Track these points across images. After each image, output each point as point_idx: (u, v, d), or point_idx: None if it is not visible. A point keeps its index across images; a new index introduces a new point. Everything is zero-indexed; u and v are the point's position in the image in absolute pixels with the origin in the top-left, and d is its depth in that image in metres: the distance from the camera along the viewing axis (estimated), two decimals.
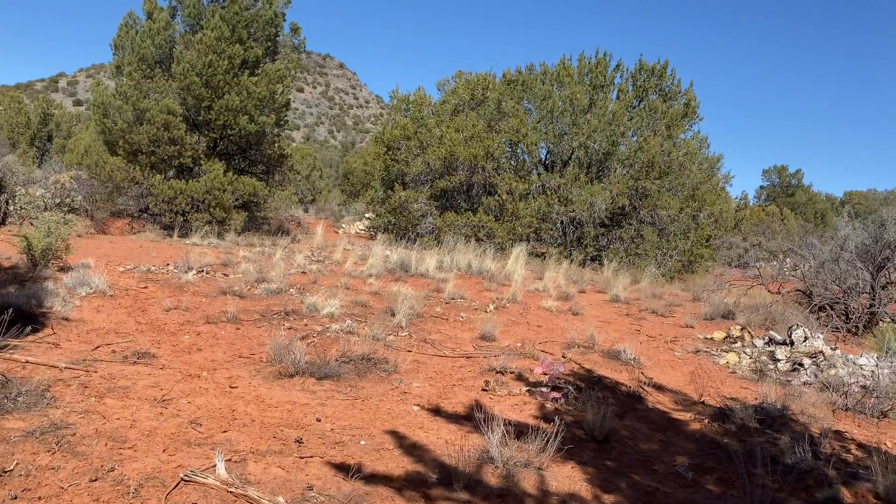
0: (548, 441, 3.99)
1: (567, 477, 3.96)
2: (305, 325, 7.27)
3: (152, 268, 9.75)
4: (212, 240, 14.62)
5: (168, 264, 10.16)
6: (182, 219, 15.92)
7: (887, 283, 10.61)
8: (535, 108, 19.45)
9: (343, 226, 25.55)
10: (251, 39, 17.11)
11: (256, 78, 16.98)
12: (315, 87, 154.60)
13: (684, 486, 4.06)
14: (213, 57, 15.76)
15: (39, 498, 2.96)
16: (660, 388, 6.27)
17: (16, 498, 2.93)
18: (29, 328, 5.64)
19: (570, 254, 17.66)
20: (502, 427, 4.04)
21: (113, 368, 5.04)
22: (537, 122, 19.11)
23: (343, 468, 3.65)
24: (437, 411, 4.96)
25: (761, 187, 49.79)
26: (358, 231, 23.74)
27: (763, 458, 4.42)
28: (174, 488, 3.20)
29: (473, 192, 19.21)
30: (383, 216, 19.54)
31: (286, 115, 18.81)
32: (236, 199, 16.75)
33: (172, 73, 16.31)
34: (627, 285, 13.50)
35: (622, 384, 6.22)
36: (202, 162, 16.75)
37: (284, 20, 18.47)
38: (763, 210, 35.36)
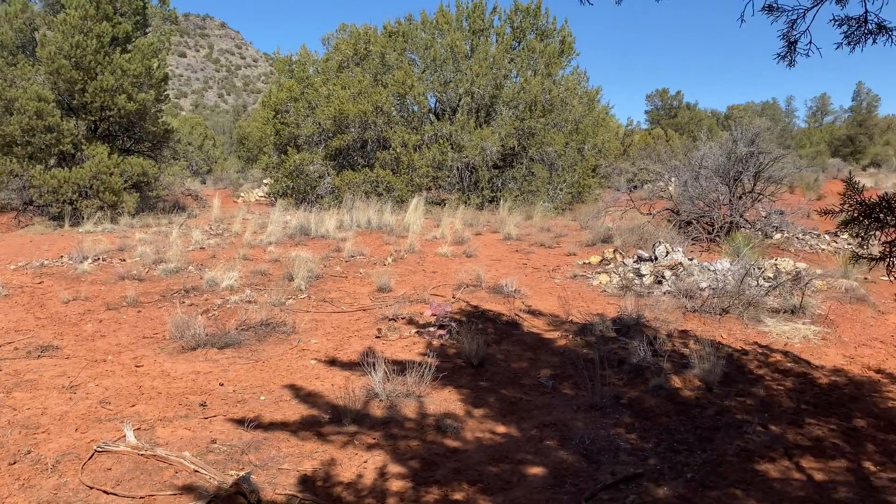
0: (423, 373, 4.59)
1: (444, 399, 4.59)
2: (206, 299, 7.58)
3: (46, 262, 9.70)
4: (105, 225, 14.41)
5: (62, 256, 10.11)
6: (71, 207, 15.50)
7: (743, 193, 11.79)
8: (419, 59, 19.72)
9: (242, 194, 25.28)
10: (118, 15, 16.51)
11: (129, 54, 16.46)
12: (198, 51, 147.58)
13: (544, 394, 4.77)
14: (80, 37, 15.16)
15: None
16: (536, 313, 7.01)
17: None
18: None
19: (468, 198, 18.33)
20: (384, 366, 4.61)
21: (18, 365, 5.27)
22: (422, 73, 19.41)
23: (244, 422, 4.14)
24: (332, 362, 5.49)
25: (646, 112, 52.10)
26: (258, 198, 23.60)
27: (612, 361, 5.19)
28: (89, 459, 3.60)
29: (368, 147, 19.45)
30: (280, 181, 19.55)
31: (166, 90, 18.35)
32: (125, 181, 16.41)
33: (38, 58, 15.61)
34: (520, 222, 14.31)
35: (503, 314, 6.91)
36: (84, 147, 16.24)
37: None
38: (649, 134, 37.17)
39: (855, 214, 2.28)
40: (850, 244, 12.39)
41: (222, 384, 4.89)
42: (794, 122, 59.26)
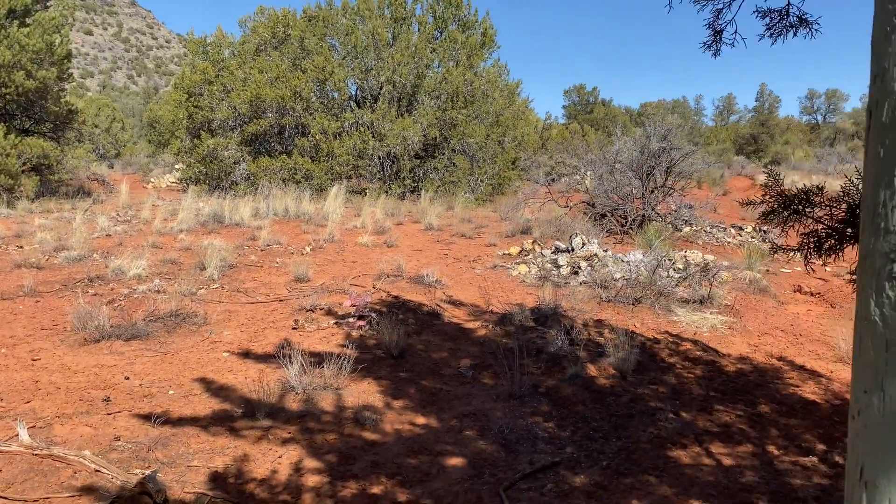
0: (342, 364, 4.50)
1: (363, 391, 4.51)
2: (112, 289, 7.20)
3: None
4: (1, 210, 13.48)
5: None
6: None
7: (655, 187, 12.20)
8: (340, 45, 19.38)
9: (152, 180, 24.22)
10: None
11: (28, 29, 15.43)
12: (106, 29, 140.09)
13: (464, 384, 4.77)
14: None
15: None
16: (457, 303, 7.01)
17: None
18: None
19: (390, 188, 18.19)
20: (301, 358, 4.49)
21: None
22: (343, 59, 19.08)
23: (150, 417, 3.93)
24: (246, 354, 5.31)
25: (564, 107, 53.27)
26: (169, 184, 22.66)
27: (531, 351, 5.25)
28: None
29: (286, 134, 18.97)
30: (193, 167, 18.80)
31: (70, 67, 17.33)
32: (24, 164, 15.41)
33: None
34: (442, 213, 14.30)
35: (424, 304, 6.88)
36: None
37: None
38: (566, 128, 38.01)
39: (775, 206, 2.35)
40: (753, 237, 13.03)
41: (128, 378, 4.64)
42: (702, 120, 61.97)
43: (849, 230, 2.09)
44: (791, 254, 2.29)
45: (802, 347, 6.16)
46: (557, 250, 9.12)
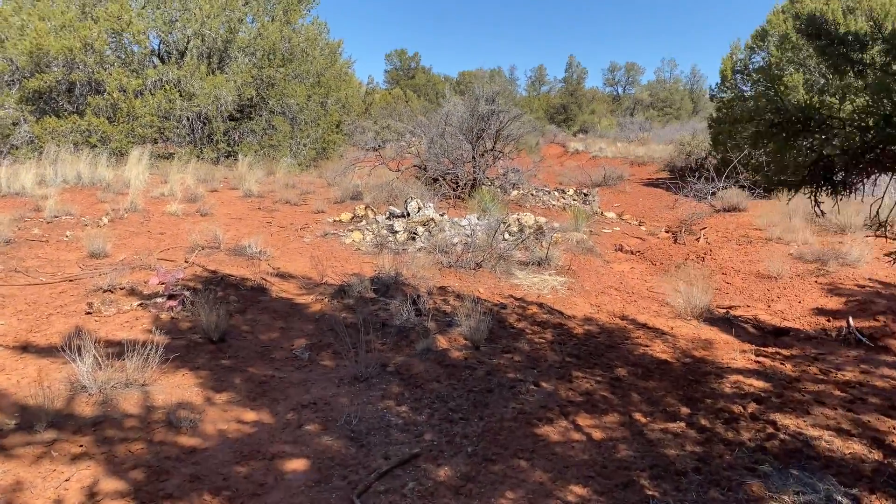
0: (148, 354, 3.69)
1: (177, 386, 3.74)
2: None
3: None
4: None
5: None
6: None
7: (484, 151, 12.10)
8: None
9: None
10: None
11: None
12: None
13: (301, 368, 4.14)
14: None
15: None
16: (286, 276, 6.30)
17: None
18: None
19: (202, 152, 16.66)
20: (95, 350, 3.63)
21: None
22: (142, 8, 17.04)
23: None
24: (25, 348, 4.28)
25: (386, 72, 52.70)
26: None
27: (375, 325, 4.73)
28: None
29: (77, 91, 16.67)
30: None
31: None
32: None
33: None
34: (262, 178, 13.28)
35: (248, 279, 6.09)
36: None
37: None
38: (389, 93, 37.54)
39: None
40: (575, 200, 13.43)
41: None
42: (516, 89, 64.30)
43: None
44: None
45: (638, 305, 6.21)
46: (392, 216, 8.64)
